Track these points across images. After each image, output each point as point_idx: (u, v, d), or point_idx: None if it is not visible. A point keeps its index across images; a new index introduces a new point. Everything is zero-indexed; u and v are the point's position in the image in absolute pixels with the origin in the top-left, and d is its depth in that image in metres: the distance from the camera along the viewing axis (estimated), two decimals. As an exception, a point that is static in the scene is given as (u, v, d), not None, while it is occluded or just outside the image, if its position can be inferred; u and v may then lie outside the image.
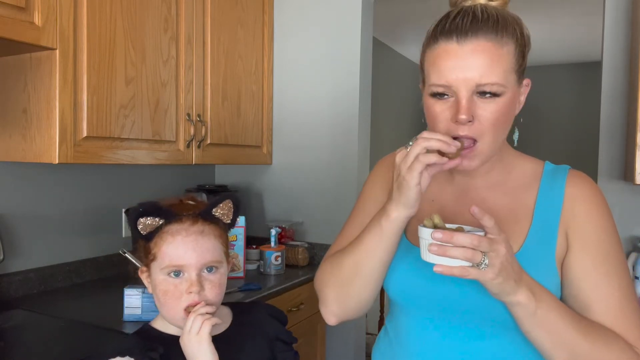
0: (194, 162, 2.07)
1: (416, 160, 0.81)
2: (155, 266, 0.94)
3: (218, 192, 2.40)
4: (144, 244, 0.96)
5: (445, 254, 0.74)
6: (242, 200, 2.57)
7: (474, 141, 0.85)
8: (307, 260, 2.36)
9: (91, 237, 2.03)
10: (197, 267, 0.93)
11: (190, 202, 1.01)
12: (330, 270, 0.98)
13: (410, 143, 0.82)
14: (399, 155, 0.84)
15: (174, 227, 0.93)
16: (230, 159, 2.30)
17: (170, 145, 1.96)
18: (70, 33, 1.55)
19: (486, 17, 0.84)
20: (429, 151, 0.81)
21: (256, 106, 2.45)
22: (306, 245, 2.42)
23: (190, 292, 0.91)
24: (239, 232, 2.10)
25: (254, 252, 2.32)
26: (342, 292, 0.96)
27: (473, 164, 0.87)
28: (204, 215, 0.97)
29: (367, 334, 3.04)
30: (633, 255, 1.84)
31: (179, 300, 0.91)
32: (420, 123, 0.94)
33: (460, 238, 0.73)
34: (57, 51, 1.51)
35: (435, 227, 0.80)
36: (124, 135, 1.74)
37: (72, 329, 1.52)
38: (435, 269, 0.75)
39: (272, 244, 2.20)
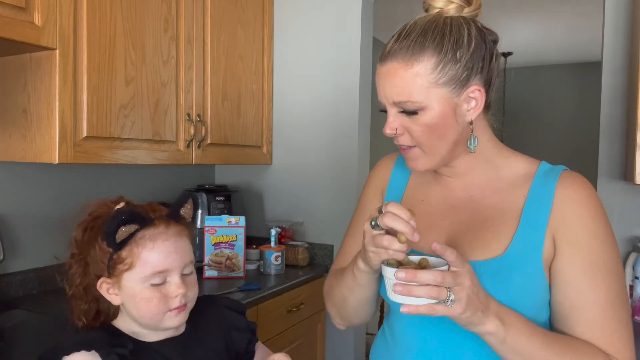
0: (194, 162, 2.07)
1: (379, 252, 0.82)
2: (131, 275, 0.88)
3: (218, 192, 2.40)
4: (109, 254, 0.88)
5: (410, 294, 0.73)
6: (242, 200, 2.58)
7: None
8: (307, 261, 2.36)
9: (91, 237, 2.03)
10: (180, 270, 0.90)
11: (154, 204, 0.96)
12: (328, 291, 1.08)
13: (373, 223, 0.82)
14: (366, 226, 0.84)
15: (150, 232, 0.89)
16: (230, 159, 2.30)
17: (170, 145, 1.96)
18: (70, 33, 1.54)
19: (404, 35, 0.87)
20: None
21: (256, 106, 2.45)
22: (306, 245, 2.42)
23: (176, 296, 0.89)
24: (239, 232, 2.10)
25: (254, 252, 2.32)
26: (340, 311, 1.05)
27: (418, 166, 0.92)
28: (174, 216, 0.94)
29: (367, 334, 3.03)
30: (633, 255, 1.83)
31: (165, 304, 0.89)
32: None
33: (424, 276, 0.73)
34: (57, 51, 1.51)
35: (399, 264, 0.80)
36: (124, 135, 1.74)
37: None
38: (402, 309, 0.75)
39: (272, 244, 2.20)
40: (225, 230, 2.09)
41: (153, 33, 1.85)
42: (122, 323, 0.94)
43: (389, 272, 0.77)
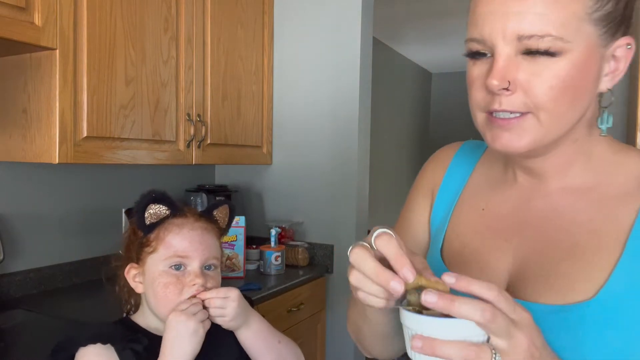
0: (194, 162, 2.07)
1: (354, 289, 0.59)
2: (154, 258, 0.91)
3: (218, 192, 2.40)
4: (140, 238, 0.93)
5: (434, 354, 0.51)
6: (242, 200, 2.58)
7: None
8: (307, 260, 2.36)
9: (91, 237, 2.03)
10: (201, 261, 0.92)
11: (190, 206, 1.02)
12: (349, 308, 0.84)
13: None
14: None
15: (178, 220, 0.93)
16: (230, 159, 2.30)
17: (170, 145, 1.96)
18: (70, 33, 1.54)
19: None
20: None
21: (256, 106, 2.45)
22: (306, 245, 2.42)
23: (194, 285, 0.91)
24: (239, 232, 2.10)
25: (254, 252, 2.32)
26: (357, 338, 0.83)
27: (521, 143, 0.61)
28: (206, 214, 0.98)
29: (367, 334, 3.03)
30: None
31: (180, 294, 0.90)
32: (420, 122, 0.93)
33: (463, 307, 0.50)
34: (57, 51, 1.51)
35: (421, 306, 0.54)
36: (124, 135, 1.74)
37: (71, 329, 1.52)
38: None
39: (272, 244, 2.20)
40: (225, 230, 2.09)
41: (153, 33, 1.85)
42: (141, 317, 0.96)
43: (409, 320, 0.55)
